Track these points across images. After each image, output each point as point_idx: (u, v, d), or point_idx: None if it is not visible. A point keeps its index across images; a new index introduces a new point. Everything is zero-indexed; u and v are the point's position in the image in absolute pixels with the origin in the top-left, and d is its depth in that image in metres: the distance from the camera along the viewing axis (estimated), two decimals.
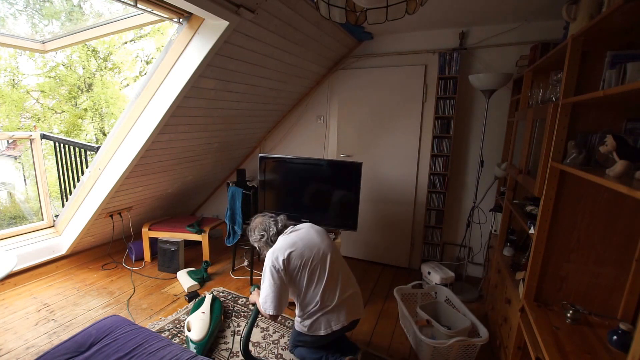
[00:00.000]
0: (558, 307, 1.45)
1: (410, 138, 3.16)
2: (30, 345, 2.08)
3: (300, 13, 2.24)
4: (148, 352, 1.53)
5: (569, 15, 1.41)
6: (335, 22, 1.62)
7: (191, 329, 2.07)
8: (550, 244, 1.46)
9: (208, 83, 2.40)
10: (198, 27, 2.07)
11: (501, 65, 2.78)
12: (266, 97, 3.11)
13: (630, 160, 0.99)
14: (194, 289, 2.78)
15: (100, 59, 7.90)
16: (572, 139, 1.33)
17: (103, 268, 3.18)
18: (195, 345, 1.97)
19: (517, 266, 1.94)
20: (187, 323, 2.14)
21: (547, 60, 1.76)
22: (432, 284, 2.68)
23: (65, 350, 1.52)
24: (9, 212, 6.68)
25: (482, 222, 2.98)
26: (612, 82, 1.13)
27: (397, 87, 3.13)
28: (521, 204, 2.07)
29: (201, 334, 2.04)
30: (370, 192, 3.34)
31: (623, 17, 1.07)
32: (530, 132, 1.74)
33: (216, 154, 3.44)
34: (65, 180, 3.33)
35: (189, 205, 4.21)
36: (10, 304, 2.53)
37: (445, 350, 1.87)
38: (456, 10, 2.48)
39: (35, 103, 7.96)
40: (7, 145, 7.53)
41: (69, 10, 6.69)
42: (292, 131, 3.78)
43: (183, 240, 3.19)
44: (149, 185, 3.10)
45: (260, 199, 2.91)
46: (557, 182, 1.39)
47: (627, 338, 1.14)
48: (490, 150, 2.90)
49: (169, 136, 2.65)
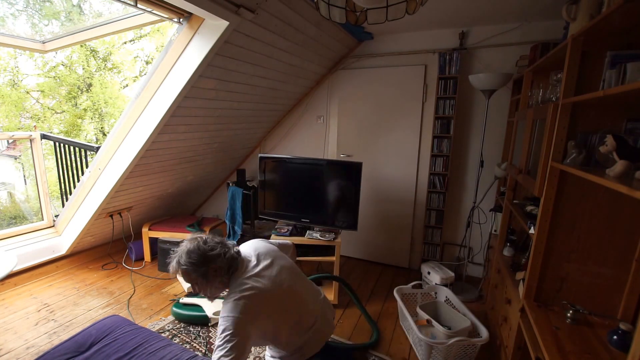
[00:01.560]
0: (558, 307, 1.45)
1: (411, 138, 3.16)
2: (31, 345, 2.08)
3: (300, 13, 2.24)
4: (148, 352, 1.53)
5: (569, 15, 1.41)
6: (335, 22, 1.62)
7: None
8: (550, 244, 1.46)
9: (208, 83, 2.40)
10: (198, 27, 2.07)
11: (501, 65, 2.78)
12: (266, 97, 3.11)
13: (630, 160, 0.99)
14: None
15: (99, 59, 7.89)
16: (572, 139, 1.33)
17: (103, 268, 3.18)
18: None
19: (517, 266, 1.94)
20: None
21: (547, 60, 1.76)
22: (432, 284, 2.68)
23: (65, 350, 1.52)
24: (9, 212, 6.68)
25: (482, 222, 2.98)
26: (612, 82, 1.13)
27: (397, 87, 3.13)
28: (521, 204, 2.06)
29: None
30: (370, 192, 3.34)
31: (623, 17, 1.07)
32: (530, 132, 1.74)
33: (216, 154, 3.44)
34: (65, 180, 3.33)
35: (189, 205, 4.21)
36: (11, 304, 2.53)
37: (445, 350, 1.87)
38: (456, 10, 2.48)
39: (35, 103, 7.95)
40: (7, 145, 7.53)
41: (69, 10, 6.68)
42: (292, 131, 3.78)
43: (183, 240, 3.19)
44: (149, 185, 3.10)
45: (260, 199, 2.91)
46: (557, 182, 1.39)
47: (627, 338, 1.14)
48: (490, 150, 2.90)
49: (169, 136, 2.65)
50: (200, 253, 1.32)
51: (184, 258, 1.32)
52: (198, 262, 1.31)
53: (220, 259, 1.32)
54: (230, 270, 1.35)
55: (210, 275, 1.33)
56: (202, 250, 1.32)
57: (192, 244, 1.35)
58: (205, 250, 1.33)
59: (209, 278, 1.33)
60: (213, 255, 1.32)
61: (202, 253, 1.32)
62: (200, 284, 1.36)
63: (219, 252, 1.33)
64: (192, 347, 2.10)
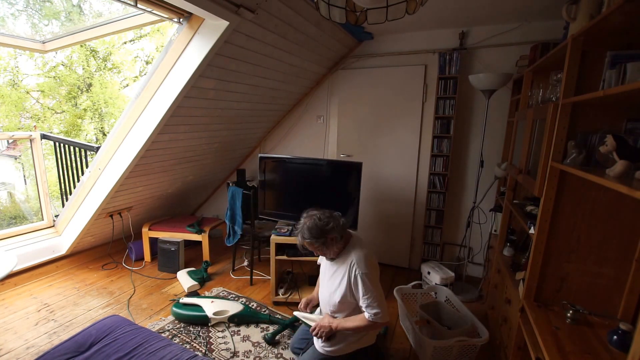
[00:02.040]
0: (558, 307, 1.44)
1: (411, 138, 3.16)
2: (31, 345, 2.08)
3: (300, 13, 2.24)
4: (148, 352, 1.53)
5: (569, 15, 1.41)
6: (335, 22, 1.62)
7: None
8: (550, 244, 1.46)
9: (208, 83, 2.40)
10: (198, 27, 2.07)
11: (501, 65, 2.78)
12: (266, 97, 3.11)
13: (630, 160, 0.99)
14: (194, 289, 2.78)
15: (99, 59, 7.89)
16: (572, 139, 1.33)
17: (103, 268, 3.19)
18: None
19: (517, 266, 1.94)
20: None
21: (547, 60, 1.76)
22: (432, 284, 2.68)
23: (65, 350, 1.52)
24: (9, 212, 6.68)
25: (482, 222, 2.98)
26: (612, 82, 1.13)
27: (397, 87, 3.13)
28: (521, 204, 2.06)
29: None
30: (370, 192, 3.33)
31: (623, 17, 1.07)
32: (530, 132, 1.74)
33: (216, 154, 3.44)
34: (65, 180, 3.33)
35: (189, 205, 4.21)
36: (11, 304, 2.53)
37: (445, 350, 1.87)
38: (456, 10, 2.48)
39: (35, 103, 7.95)
40: (7, 145, 7.53)
41: (69, 10, 6.68)
42: (292, 131, 3.78)
43: (183, 240, 3.19)
44: (149, 185, 3.10)
45: (260, 199, 2.90)
46: (557, 182, 1.39)
47: (627, 338, 1.14)
48: (490, 150, 2.90)
49: (169, 136, 2.65)
50: (318, 228, 1.61)
51: (306, 233, 1.62)
52: (318, 234, 1.61)
53: (334, 230, 1.63)
54: (343, 237, 1.67)
55: (328, 243, 1.63)
56: (319, 226, 1.62)
57: (310, 221, 1.64)
58: (322, 225, 1.62)
59: (328, 245, 1.64)
60: (329, 228, 1.62)
61: (320, 227, 1.62)
62: (321, 250, 1.67)
63: (333, 225, 1.62)
64: (192, 347, 2.10)
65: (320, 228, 1.62)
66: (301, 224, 1.67)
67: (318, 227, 1.62)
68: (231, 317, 2.32)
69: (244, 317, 2.35)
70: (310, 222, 1.64)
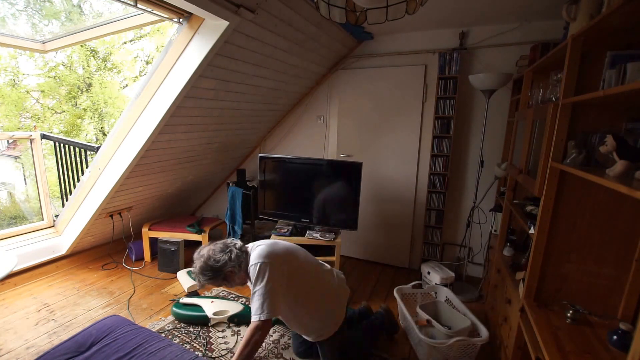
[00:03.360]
0: (558, 307, 1.44)
1: (411, 138, 3.16)
2: (31, 345, 2.08)
3: (300, 13, 2.24)
4: (148, 352, 1.53)
5: (569, 15, 1.41)
6: (335, 22, 1.62)
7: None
8: (550, 244, 1.46)
9: (208, 83, 2.40)
10: (198, 27, 2.07)
11: (501, 65, 2.78)
12: (266, 97, 3.11)
13: (630, 160, 0.99)
14: (194, 289, 2.78)
15: (99, 59, 7.89)
16: (572, 139, 1.33)
17: (103, 268, 3.18)
18: None
19: (517, 266, 1.94)
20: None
21: (547, 60, 1.76)
22: (432, 284, 2.68)
23: (65, 350, 1.52)
24: (9, 212, 6.68)
25: (482, 222, 2.98)
26: (612, 82, 1.13)
27: (397, 87, 3.13)
28: (521, 204, 2.06)
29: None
30: (370, 192, 3.34)
31: (623, 17, 1.07)
32: (530, 132, 1.74)
33: (216, 154, 3.44)
34: (65, 180, 3.33)
35: (189, 205, 4.21)
36: (11, 304, 2.53)
37: (445, 350, 1.87)
38: (456, 10, 2.48)
39: (35, 103, 7.95)
40: (7, 145, 7.53)
41: (69, 10, 6.68)
42: (292, 131, 3.78)
43: (183, 240, 3.19)
44: (149, 185, 3.10)
45: (260, 199, 2.91)
46: (557, 182, 1.39)
47: (627, 338, 1.14)
48: (490, 150, 2.90)
49: (169, 136, 2.65)
50: (210, 267, 1.58)
51: (201, 277, 1.60)
52: (213, 274, 1.58)
53: (228, 264, 1.58)
54: (242, 265, 1.61)
55: (228, 277, 1.61)
56: (211, 265, 1.58)
57: (200, 262, 1.60)
58: (213, 264, 1.58)
59: (229, 279, 1.62)
60: (221, 265, 1.58)
61: (212, 267, 1.58)
62: (227, 284, 1.65)
63: (225, 260, 1.58)
64: (192, 347, 2.10)
65: (212, 267, 1.57)
66: (194, 266, 1.62)
67: (210, 267, 1.57)
68: (231, 317, 2.32)
69: (244, 317, 2.35)
70: (200, 264, 1.59)
